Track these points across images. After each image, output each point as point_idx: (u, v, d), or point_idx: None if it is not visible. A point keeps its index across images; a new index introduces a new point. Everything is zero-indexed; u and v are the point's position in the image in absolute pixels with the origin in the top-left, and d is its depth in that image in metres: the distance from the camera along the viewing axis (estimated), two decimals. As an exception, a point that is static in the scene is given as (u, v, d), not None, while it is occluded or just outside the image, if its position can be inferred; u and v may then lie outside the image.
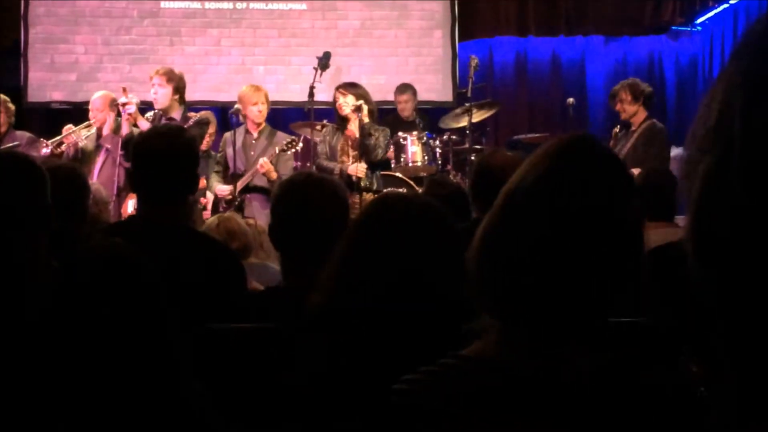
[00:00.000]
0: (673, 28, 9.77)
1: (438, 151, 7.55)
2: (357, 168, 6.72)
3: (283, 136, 6.83)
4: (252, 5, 9.19)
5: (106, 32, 9.04)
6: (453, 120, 8.04)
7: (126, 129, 6.40)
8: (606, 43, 9.84)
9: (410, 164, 7.31)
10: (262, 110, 6.76)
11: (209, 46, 9.16)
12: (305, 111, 7.49)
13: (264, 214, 6.08)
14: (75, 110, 8.34)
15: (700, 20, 9.59)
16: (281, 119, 7.93)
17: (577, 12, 9.58)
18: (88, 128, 6.85)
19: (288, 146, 6.62)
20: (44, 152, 6.56)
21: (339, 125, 7.02)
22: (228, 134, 6.89)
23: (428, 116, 8.42)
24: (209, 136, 6.82)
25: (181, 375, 1.79)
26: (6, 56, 9.02)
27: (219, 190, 6.74)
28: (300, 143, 6.70)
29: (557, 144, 1.37)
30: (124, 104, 6.41)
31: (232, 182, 6.73)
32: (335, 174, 6.44)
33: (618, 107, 6.93)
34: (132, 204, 6.08)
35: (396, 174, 7.19)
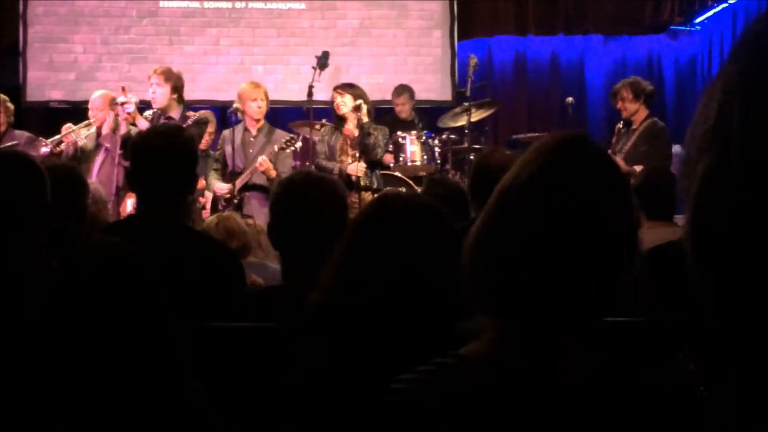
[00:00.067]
0: (672, 28, 9.76)
1: (437, 151, 7.54)
2: (356, 167, 6.73)
3: (282, 134, 6.84)
4: (251, 5, 9.18)
5: (105, 32, 9.03)
6: (451, 119, 8.03)
7: (124, 128, 6.40)
8: (605, 43, 9.84)
9: (409, 164, 7.31)
10: (262, 106, 6.76)
11: (208, 46, 9.15)
12: (304, 110, 7.48)
13: (263, 212, 6.09)
14: (74, 109, 8.33)
15: (699, 20, 9.59)
16: (280, 118, 7.92)
17: (577, 11, 9.58)
18: (88, 127, 6.85)
19: (287, 144, 6.62)
20: (43, 151, 6.55)
21: (337, 125, 7.02)
22: (227, 132, 6.89)
23: (427, 116, 8.42)
24: (208, 135, 6.81)
25: (181, 374, 1.79)
26: (5, 55, 9.01)
27: (218, 188, 6.73)
28: (299, 142, 6.70)
29: (550, 142, 1.37)
30: (123, 103, 6.40)
31: (231, 180, 6.73)
32: (334, 174, 6.44)
33: (619, 105, 6.93)
34: (131, 203, 6.08)
35: (395, 173, 7.19)
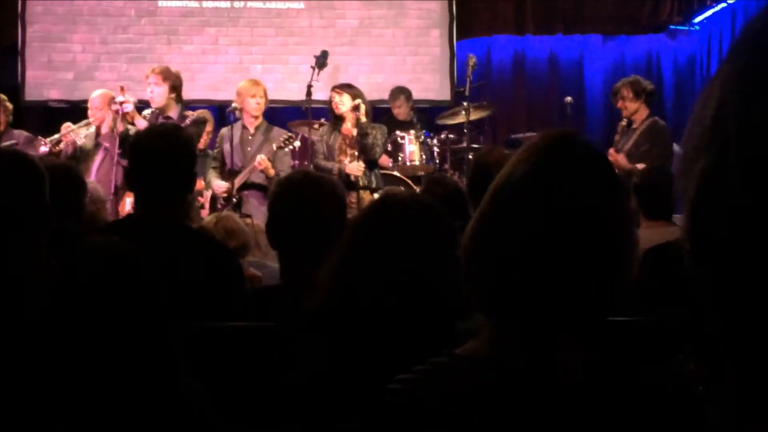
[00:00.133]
0: (671, 28, 9.76)
1: (436, 150, 7.54)
2: (355, 167, 6.73)
3: (280, 132, 6.85)
4: (249, 4, 9.18)
5: (104, 31, 9.03)
6: (450, 117, 8.06)
7: (122, 127, 6.40)
8: (604, 42, 9.83)
9: (408, 163, 7.31)
10: (261, 103, 6.78)
11: (207, 45, 9.15)
12: (303, 110, 7.48)
13: (261, 211, 6.09)
14: (72, 109, 8.33)
15: (698, 19, 9.59)
16: (279, 118, 7.92)
17: (575, 11, 9.58)
18: (87, 127, 6.85)
19: (285, 143, 6.63)
20: (42, 151, 6.55)
21: (334, 124, 7.03)
22: (225, 130, 6.90)
23: (426, 115, 8.41)
24: (206, 135, 6.82)
25: (181, 374, 1.79)
26: (3, 55, 9.00)
27: (216, 186, 6.74)
28: (297, 141, 6.71)
29: (542, 140, 1.37)
30: (122, 103, 6.40)
31: (229, 178, 6.73)
32: (334, 174, 6.44)
33: (619, 104, 6.92)
34: (129, 202, 6.08)
35: (394, 173, 7.19)
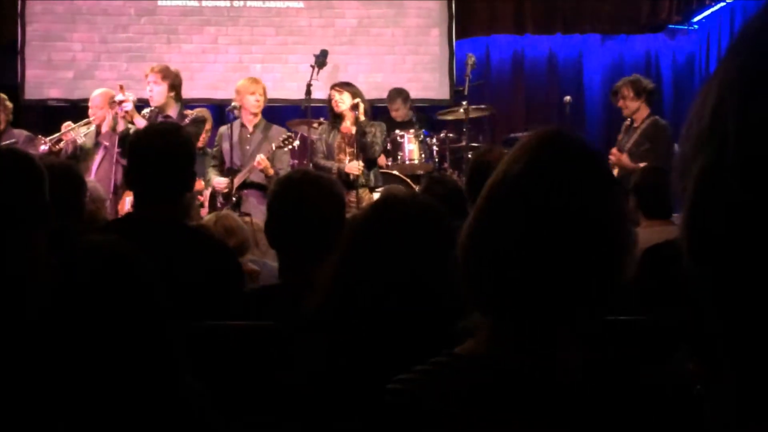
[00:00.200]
0: (670, 27, 9.76)
1: (435, 149, 7.55)
2: (354, 166, 6.74)
3: (278, 130, 6.86)
4: (249, 3, 9.17)
5: (103, 30, 9.02)
6: (449, 113, 8.11)
7: (122, 126, 6.40)
8: (603, 42, 9.83)
9: (407, 162, 7.31)
10: (260, 101, 6.78)
11: (206, 44, 9.14)
12: (302, 109, 7.49)
13: (261, 210, 6.09)
14: (72, 108, 8.33)
15: (697, 19, 9.58)
16: (278, 117, 7.91)
17: (575, 10, 9.58)
18: (87, 125, 6.85)
19: (285, 143, 6.64)
20: (42, 149, 6.55)
21: (333, 123, 7.04)
22: (224, 128, 6.91)
23: (425, 114, 8.41)
24: (205, 133, 6.82)
25: (181, 374, 1.79)
26: (3, 54, 8.99)
27: (216, 183, 6.75)
28: (296, 141, 6.71)
29: (535, 138, 1.37)
30: (121, 102, 6.40)
31: (229, 177, 6.74)
32: (333, 173, 6.45)
33: (620, 104, 6.91)
34: (129, 201, 6.08)
35: (393, 172, 7.20)
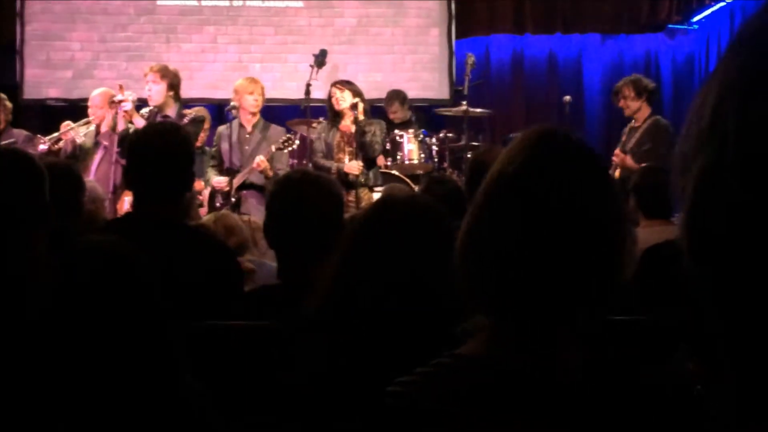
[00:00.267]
0: (670, 27, 9.76)
1: (434, 149, 7.54)
2: (354, 166, 6.74)
3: (277, 130, 6.87)
4: (248, 3, 9.17)
5: (103, 29, 9.01)
6: (448, 109, 8.16)
7: (122, 126, 6.40)
8: (603, 41, 9.83)
9: (406, 162, 7.31)
10: (258, 100, 6.79)
11: (205, 44, 9.14)
12: (301, 108, 7.49)
13: (260, 211, 6.07)
14: (71, 107, 8.33)
15: (697, 18, 9.58)
16: (277, 116, 7.92)
17: (574, 10, 9.58)
18: (87, 125, 6.85)
19: (284, 145, 6.64)
20: (41, 149, 6.55)
21: (332, 121, 7.04)
22: (222, 128, 6.91)
23: (424, 114, 8.41)
24: (203, 132, 6.82)
25: (181, 374, 1.79)
26: (2, 53, 8.99)
27: (216, 182, 6.75)
28: (296, 141, 6.71)
29: (530, 138, 1.37)
30: (121, 101, 6.40)
31: (228, 177, 6.74)
32: (332, 173, 6.45)
33: (621, 104, 6.89)
34: (128, 201, 6.07)
35: (393, 171, 7.20)
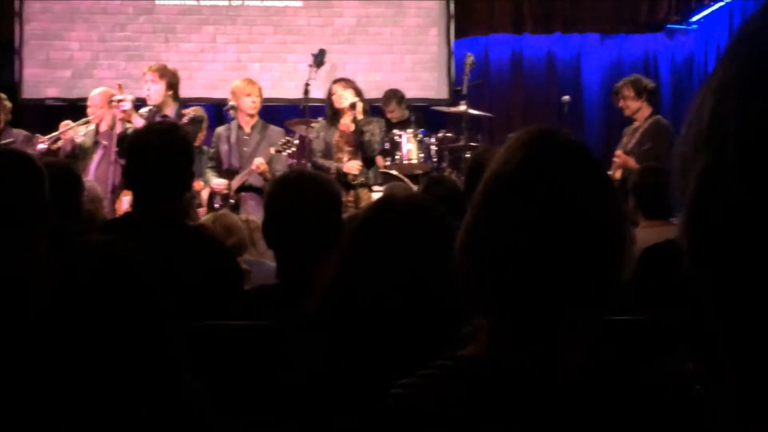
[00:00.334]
0: (669, 27, 9.76)
1: (433, 149, 7.54)
2: (353, 165, 6.75)
3: (276, 131, 6.86)
4: (247, 2, 9.17)
5: (102, 29, 9.01)
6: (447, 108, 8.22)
7: (121, 126, 6.40)
8: (602, 41, 9.82)
9: (405, 162, 7.31)
10: (256, 101, 6.78)
11: (204, 43, 9.14)
12: (300, 108, 7.48)
13: (259, 213, 6.07)
14: (70, 107, 8.33)
15: (696, 18, 9.58)
16: (276, 116, 7.91)
17: (573, 10, 9.58)
18: (86, 125, 6.85)
19: (283, 147, 6.63)
20: (40, 148, 6.54)
21: (331, 120, 7.04)
22: (221, 129, 6.90)
23: (423, 114, 8.40)
24: (202, 132, 6.81)
25: (181, 374, 1.79)
26: (1, 53, 8.98)
27: (215, 185, 6.74)
28: (295, 141, 6.71)
29: (527, 137, 1.37)
30: (120, 101, 6.40)
31: (227, 178, 6.74)
32: (331, 173, 6.45)
33: (621, 104, 6.87)
34: (127, 201, 6.07)
35: (392, 171, 7.19)
